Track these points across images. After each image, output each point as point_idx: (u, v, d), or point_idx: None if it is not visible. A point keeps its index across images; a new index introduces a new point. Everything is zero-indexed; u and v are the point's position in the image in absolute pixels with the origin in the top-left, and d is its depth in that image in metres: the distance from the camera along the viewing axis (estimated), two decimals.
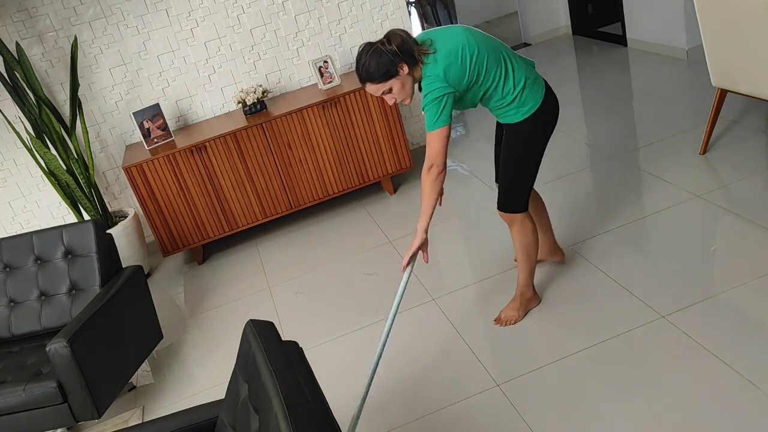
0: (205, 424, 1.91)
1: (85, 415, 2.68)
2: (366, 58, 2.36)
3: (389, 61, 2.34)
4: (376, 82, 2.38)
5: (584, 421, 2.27)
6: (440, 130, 2.39)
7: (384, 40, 2.37)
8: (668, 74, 4.98)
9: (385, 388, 2.68)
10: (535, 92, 2.51)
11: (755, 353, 2.33)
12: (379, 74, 2.36)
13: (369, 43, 2.39)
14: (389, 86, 2.39)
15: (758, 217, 3.05)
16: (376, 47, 2.35)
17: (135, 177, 3.84)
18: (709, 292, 2.69)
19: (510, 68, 2.46)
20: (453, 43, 2.38)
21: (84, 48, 4.00)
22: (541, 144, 2.61)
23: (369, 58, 2.35)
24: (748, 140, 3.73)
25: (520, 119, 2.52)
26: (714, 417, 2.14)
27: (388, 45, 2.34)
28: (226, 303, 3.68)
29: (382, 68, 2.35)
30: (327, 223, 4.25)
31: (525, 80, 2.48)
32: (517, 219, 2.68)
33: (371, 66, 2.35)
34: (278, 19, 4.24)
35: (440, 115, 2.37)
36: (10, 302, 3.08)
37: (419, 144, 4.76)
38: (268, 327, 1.74)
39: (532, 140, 2.58)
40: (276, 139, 3.97)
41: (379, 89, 2.41)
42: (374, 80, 2.38)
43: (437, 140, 2.40)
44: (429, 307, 3.11)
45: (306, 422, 1.37)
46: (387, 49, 2.33)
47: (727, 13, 3.27)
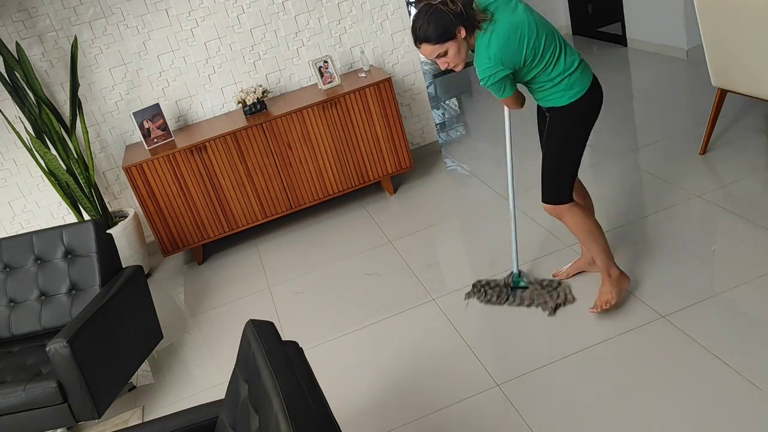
0: (205, 424, 1.91)
1: (85, 415, 2.68)
2: (424, 18, 2.27)
3: (449, 22, 2.26)
4: (432, 43, 2.30)
5: (584, 421, 2.27)
6: (509, 97, 2.45)
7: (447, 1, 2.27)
8: (668, 74, 4.98)
9: (385, 388, 2.68)
10: (585, 77, 2.47)
11: (755, 353, 2.33)
12: (437, 35, 2.27)
13: (428, 3, 2.30)
14: (445, 48, 2.31)
15: (758, 217, 3.05)
16: (436, 7, 2.26)
17: (135, 177, 3.84)
18: (709, 292, 2.69)
19: (563, 50, 2.42)
20: (514, 19, 2.32)
21: (84, 48, 4.00)
22: (585, 130, 2.53)
23: (428, 17, 2.27)
24: (748, 140, 3.73)
25: (565, 102, 2.46)
26: (714, 417, 2.14)
27: (450, 5, 2.25)
28: (226, 303, 3.68)
29: (441, 28, 2.26)
30: (327, 223, 4.25)
31: (577, 64, 2.44)
32: (564, 209, 2.60)
33: (430, 25, 2.27)
34: (278, 19, 4.24)
35: (505, 89, 2.39)
36: (10, 302, 3.08)
37: (419, 144, 4.76)
38: (268, 327, 1.74)
39: (577, 125, 2.51)
40: (276, 139, 3.97)
41: (434, 51, 2.32)
42: (431, 41, 2.29)
43: (511, 101, 2.48)
44: (429, 307, 3.11)
45: (306, 422, 1.37)
46: (448, 9, 2.25)
47: (727, 13, 3.27)
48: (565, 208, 2.59)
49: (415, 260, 3.53)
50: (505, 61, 2.32)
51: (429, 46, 2.31)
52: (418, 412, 2.51)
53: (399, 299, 3.23)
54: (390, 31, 4.44)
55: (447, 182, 4.38)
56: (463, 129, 5.25)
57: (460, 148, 4.83)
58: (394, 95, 4.08)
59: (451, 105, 5.92)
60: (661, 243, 3.10)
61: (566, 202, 2.59)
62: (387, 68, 4.52)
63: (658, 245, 3.09)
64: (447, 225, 3.84)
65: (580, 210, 2.62)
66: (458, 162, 4.59)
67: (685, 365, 2.37)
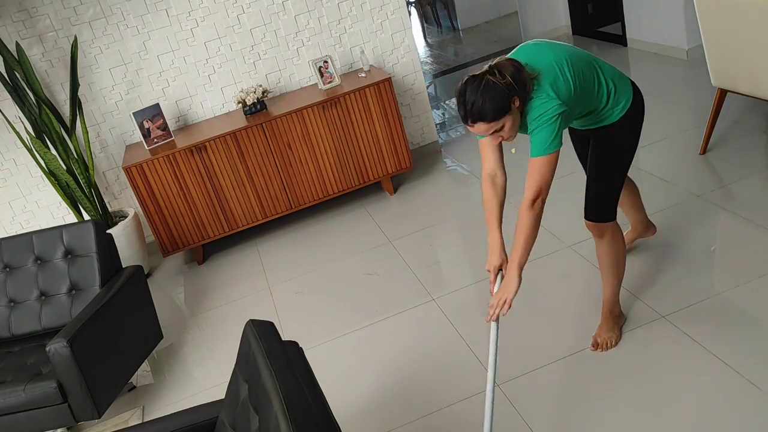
0: (205, 424, 1.91)
1: (85, 415, 2.68)
2: (476, 95, 2.03)
3: (505, 96, 2.03)
4: (488, 121, 2.05)
5: (584, 421, 2.27)
6: (553, 154, 2.10)
7: (494, 71, 2.06)
8: (668, 74, 4.98)
9: (385, 388, 2.68)
10: (625, 86, 2.34)
11: (755, 353, 2.33)
12: (494, 112, 2.03)
13: (473, 76, 2.08)
14: (502, 123, 2.07)
15: (758, 217, 3.05)
16: (486, 80, 2.04)
17: (135, 177, 3.84)
18: (709, 292, 2.69)
19: (599, 68, 2.28)
20: (545, 60, 2.16)
21: (84, 48, 4.00)
22: (637, 140, 2.41)
23: (480, 94, 2.03)
24: (748, 140, 3.73)
25: (616, 119, 2.32)
26: (714, 417, 2.14)
27: (500, 77, 2.04)
28: (226, 303, 3.68)
29: (496, 104, 2.03)
30: (327, 223, 4.25)
31: (614, 77, 2.30)
32: (609, 228, 2.45)
33: (485, 103, 2.02)
34: (278, 19, 4.24)
35: (554, 137, 2.09)
36: (10, 302, 3.08)
37: (419, 144, 4.76)
38: (268, 327, 1.74)
39: (629, 138, 2.38)
40: (276, 139, 3.97)
41: (490, 128, 2.08)
42: (487, 119, 2.05)
43: (548, 166, 2.10)
44: (429, 307, 3.11)
45: (306, 422, 1.37)
46: (501, 82, 2.03)
47: (727, 13, 3.27)
48: (611, 226, 2.46)
49: (415, 260, 3.53)
50: (561, 95, 2.11)
51: (484, 124, 2.07)
52: (418, 412, 2.51)
53: (399, 299, 3.23)
54: (390, 31, 4.44)
55: (447, 182, 4.38)
56: (463, 129, 5.25)
57: (460, 148, 4.83)
58: (394, 95, 4.09)
59: (451, 105, 5.92)
60: (661, 243, 3.10)
61: (612, 220, 2.46)
62: (387, 68, 4.52)
63: (658, 245, 3.09)
64: (447, 225, 3.84)
65: (620, 233, 2.51)
66: (458, 162, 4.59)
67: (685, 365, 2.37)
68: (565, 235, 3.34)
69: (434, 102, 6.04)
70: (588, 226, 2.49)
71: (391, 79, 4.04)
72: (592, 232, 2.50)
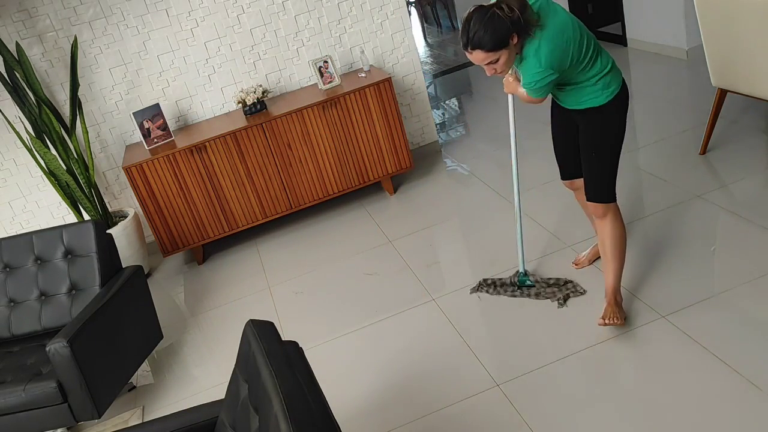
0: (205, 424, 1.91)
1: (85, 415, 2.68)
2: (480, 24, 2.17)
3: (506, 29, 2.16)
4: (485, 50, 2.20)
5: (584, 421, 2.27)
6: (535, 99, 2.40)
7: (501, 5, 2.17)
8: (668, 74, 4.98)
9: (385, 388, 2.68)
10: (617, 74, 2.46)
11: (755, 353, 2.33)
12: (493, 42, 2.18)
13: (481, 7, 2.19)
14: (498, 56, 2.22)
15: (758, 217, 3.05)
16: (492, 12, 2.16)
17: (135, 177, 3.84)
18: (709, 292, 2.69)
19: (598, 49, 2.40)
20: (558, 21, 2.26)
21: (84, 48, 4.00)
22: (624, 126, 2.52)
23: (483, 24, 2.16)
24: (748, 140, 3.73)
25: (604, 101, 2.43)
26: (714, 417, 2.14)
27: (507, 10, 2.16)
28: (226, 303, 3.68)
29: (496, 36, 2.17)
30: (327, 223, 4.25)
31: (611, 62, 2.43)
32: (611, 209, 2.57)
33: (486, 32, 2.16)
34: (278, 19, 4.24)
35: (544, 90, 2.34)
36: (10, 302, 3.08)
37: (419, 144, 4.76)
38: (268, 327, 1.74)
39: (619, 121, 2.50)
40: (276, 139, 3.97)
41: (486, 58, 2.23)
42: (485, 48, 2.19)
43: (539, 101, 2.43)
44: (429, 307, 3.11)
45: (306, 422, 1.37)
46: (505, 16, 2.16)
47: (727, 13, 3.27)
48: (613, 207, 2.58)
49: (415, 260, 3.53)
50: (555, 64, 2.26)
51: (482, 53, 2.22)
52: (418, 412, 2.51)
53: (399, 299, 3.23)
54: (390, 31, 4.44)
55: (447, 182, 4.38)
56: (463, 129, 5.25)
57: (460, 148, 4.83)
58: (394, 95, 4.09)
59: (451, 105, 5.92)
60: (661, 243, 3.10)
61: (614, 201, 2.58)
62: (387, 68, 4.52)
63: (658, 245, 3.09)
64: (447, 225, 3.84)
65: (620, 216, 2.62)
66: (458, 162, 4.59)
67: (685, 365, 2.37)
68: (565, 236, 3.34)
69: (434, 102, 6.04)
70: (591, 208, 2.61)
71: (391, 79, 4.04)
72: (595, 213, 2.61)
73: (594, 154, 2.53)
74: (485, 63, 2.26)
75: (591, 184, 2.57)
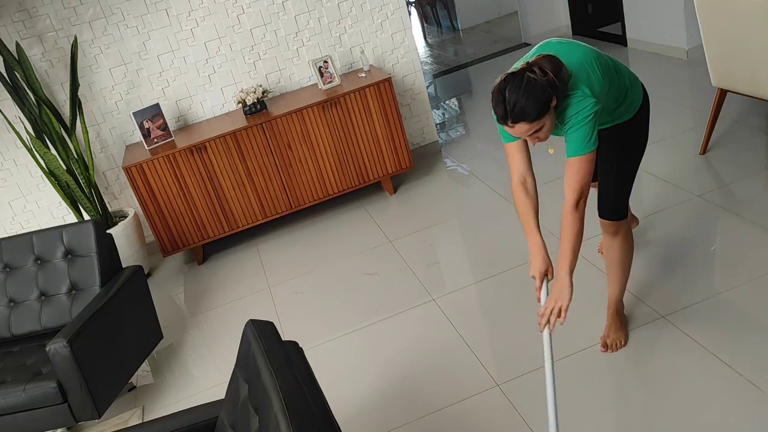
0: (205, 424, 1.91)
1: (85, 415, 2.68)
2: (518, 94, 1.92)
3: (547, 94, 1.94)
4: (529, 121, 1.95)
5: (583, 421, 2.27)
6: (591, 153, 2.04)
7: (534, 69, 1.96)
8: (668, 74, 4.98)
9: (385, 388, 2.68)
10: (637, 83, 2.33)
11: (755, 353, 2.33)
12: (537, 112, 1.93)
13: (513, 74, 1.97)
14: (543, 123, 1.98)
15: (758, 217, 3.05)
16: (528, 78, 1.93)
17: (135, 177, 3.84)
18: (709, 292, 2.69)
19: (616, 66, 2.24)
20: (576, 58, 2.09)
21: (84, 48, 4.00)
22: (647, 137, 2.41)
23: (523, 93, 1.92)
24: (748, 140, 3.73)
25: (630, 116, 2.31)
26: (714, 417, 2.14)
27: (541, 74, 1.94)
28: (226, 303, 3.68)
29: (539, 103, 1.93)
30: (327, 223, 4.25)
31: (629, 75, 2.30)
32: (623, 226, 2.45)
33: (528, 102, 1.92)
34: (278, 19, 4.24)
35: (591, 135, 2.03)
36: (10, 302, 3.08)
37: (419, 144, 4.76)
38: (268, 327, 1.74)
39: (642, 134, 2.39)
40: (276, 139, 3.97)
41: (530, 129, 1.98)
42: (529, 119, 1.95)
43: (587, 165, 2.05)
44: (429, 307, 3.11)
45: (306, 422, 1.37)
46: (542, 80, 1.93)
47: (727, 13, 3.27)
48: (624, 224, 2.46)
49: (415, 260, 3.53)
50: (595, 92, 2.05)
51: (525, 125, 1.97)
52: (418, 412, 2.51)
53: (399, 299, 3.23)
54: (390, 31, 4.44)
55: (447, 182, 4.38)
56: (463, 129, 5.25)
57: (460, 148, 4.83)
58: (394, 95, 4.09)
59: (451, 105, 5.92)
60: (661, 243, 3.10)
61: (625, 218, 2.46)
62: (387, 68, 4.52)
63: (658, 245, 3.09)
64: (447, 225, 3.84)
65: (631, 232, 2.53)
66: (458, 162, 4.59)
67: (685, 365, 2.37)
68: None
69: (434, 102, 6.04)
70: (603, 224, 2.47)
71: (391, 79, 4.04)
72: (608, 230, 2.47)
73: (618, 170, 2.39)
74: (530, 134, 2.02)
75: (608, 200, 2.42)
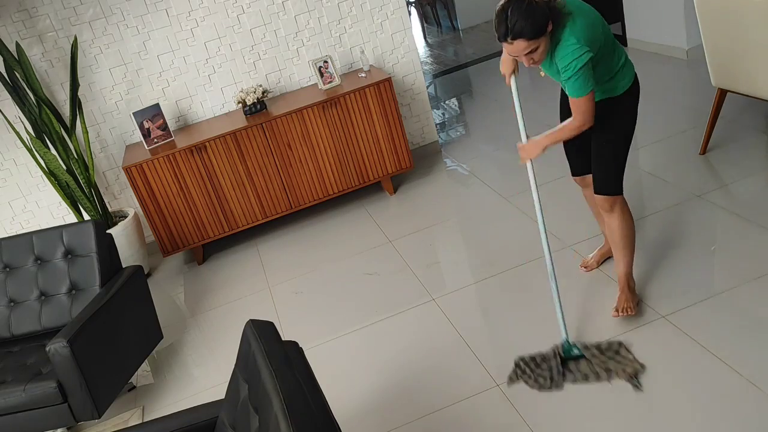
0: (205, 424, 1.91)
1: (85, 415, 2.68)
2: (518, 14, 2.16)
3: (545, 16, 2.18)
4: (527, 39, 2.19)
5: (583, 421, 2.27)
6: (590, 94, 2.31)
7: None
8: (668, 74, 4.98)
9: (385, 388, 2.68)
10: (630, 65, 2.52)
11: (755, 353, 2.33)
12: (534, 31, 2.18)
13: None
14: (538, 44, 2.22)
15: (758, 217, 3.05)
16: (529, 1, 2.17)
17: (135, 177, 3.84)
18: (709, 292, 2.69)
19: (615, 43, 2.45)
20: (587, 7, 2.34)
21: (84, 48, 4.00)
22: (635, 117, 2.58)
23: (523, 13, 2.16)
24: (748, 140, 3.73)
25: (621, 91, 2.49)
26: (714, 417, 2.14)
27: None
28: (226, 303, 3.68)
29: (538, 24, 2.17)
30: (327, 223, 4.25)
31: (624, 54, 2.49)
32: (619, 201, 2.61)
33: (527, 21, 2.16)
34: (278, 19, 4.24)
35: (587, 81, 2.28)
36: (10, 302, 3.08)
37: (419, 144, 4.76)
38: (268, 327, 1.74)
39: (633, 112, 2.56)
40: (276, 139, 3.97)
41: (528, 47, 2.21)
42: (527, 37, 2.18)
43: (588, 103, 2.33)
44: (429, 307, 3.11)
45: (306, 422, 1.37)
46: (540, 3, 2.18)
47: (727, 13, 3.27)
48: (621, 199, 2.61)
49: (415, 260, 3.53)
50: (589, 41, 2.26)
51: (523, 42, 2.20)
52: (418, 412, 2.51)
53: (399, 299, 3.23)
54: (390, 31, 4.44)
55: (447, 182, 4.38)
56: (463, 129, 5.25)
57: (460, 148, 4.83)
58: (394, 95, 4.09)
59: (451, 105, 5.92)
60: (661, 243, 3.10)
61: (621, 193, 2.61)
62: (387, 68, 4.52)
63: (659, 245, 3.09)
64: (447, 225, 3.84)
65: (628, 206, 2.66)
66: (458, 162, 4.59)
67: (684, 365, 2.37)
68: (565, 235, 3.34)
69: (434, 102, 6.04)
70: (599, 201, 2.63)
71: (391, 79, 4.04)
72: (603, 207, 2.63)
73: (607, 144, 2.55)
74: (526, 53, 2.24)
75: (599, 176, 2.59)
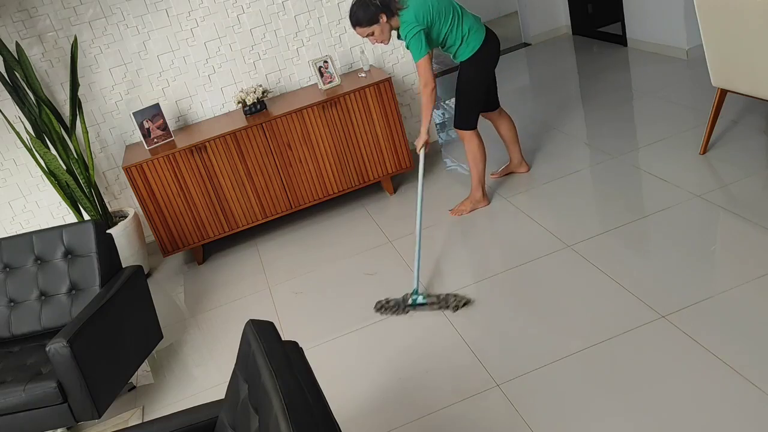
0: (205, 424, 1.91)
1: (85, 415, 2.68)
2: (356, 8, 3.29)
3: (373, 11, 3.27)
4: (362, 26, 3.31)
5: (584, 421, 2.27)
6: (425, 57, 3.32)
7: None
8: (668, 74, 4.98)
9: (385, 388, 2.68)
10: (478, 35, 3.46)
11: (755, 353, 2.33)
12: (365, 20, 3.29)
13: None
14: (371, 30, 3.32)
15: (758, 217, 3.05)
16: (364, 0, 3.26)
17: (135, 177, 3.84)
18: (709, 292, 2.69)
19: (460, 18, 3.40)
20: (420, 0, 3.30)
21: (84, 48, 4.00)
22: (484, 75, 3.57)
23: (358, 8, 3.29)
24: (748, 140, 3.73)
25: (467, 56, 3.48)
26: (714, 417, 2.14)
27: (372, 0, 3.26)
28: (226, 303, 3.68)
29: (367, 16, 3.28)
30: (327, 223, 4.25)
31: (470, 28, 3.43)
32: (467, 134, 3.66)
33: (359, 14, 3.29)
34: (278, 19, 4.24)
35: (421, 48, 3.29)
36: (10, 302, 3.08)
37: None
38: (268, 327, 1.74)
39: (477, 71, 3.53)
40: (276, 139, 3.97)
41: (364, 32, 3.33)
42: (361, 24, 3.31)
43: (426, 65, 3.34)
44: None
45: (306, 422, 1.37)
46: (371, 3, 3.26)
47: (727, 13, 3.27)
48: (469, 134, 3.66)
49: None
50: (419, 19, 3.26)
51: (360, 28, 3.33)
52: (418, 412, 2.51)
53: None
54: None
55: (447, 182, 4.38)
56: None
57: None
58: (394, 95, 4.09)
59: (451, 105, 5.92)
60: (661, 243, 3.10)
61: (471, 129, 3.65)
62: (387, 68, 4.52)
63: (658, 245, 3.09)
64: (446, 225, 3.84)
65: (477, 140, 3.68)
66: (458, 162, 4.60)
67: (684, 365, 2.37)
68: (565, 235, 3.34)
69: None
70: (458, 134, 3.72)
71: (391, 79, 4.04)
72: (459, 136, 3.72)
73: (458, 93, 3.60)
74: (365, 35, 3.35)
75: (455, 115, 3.67)
